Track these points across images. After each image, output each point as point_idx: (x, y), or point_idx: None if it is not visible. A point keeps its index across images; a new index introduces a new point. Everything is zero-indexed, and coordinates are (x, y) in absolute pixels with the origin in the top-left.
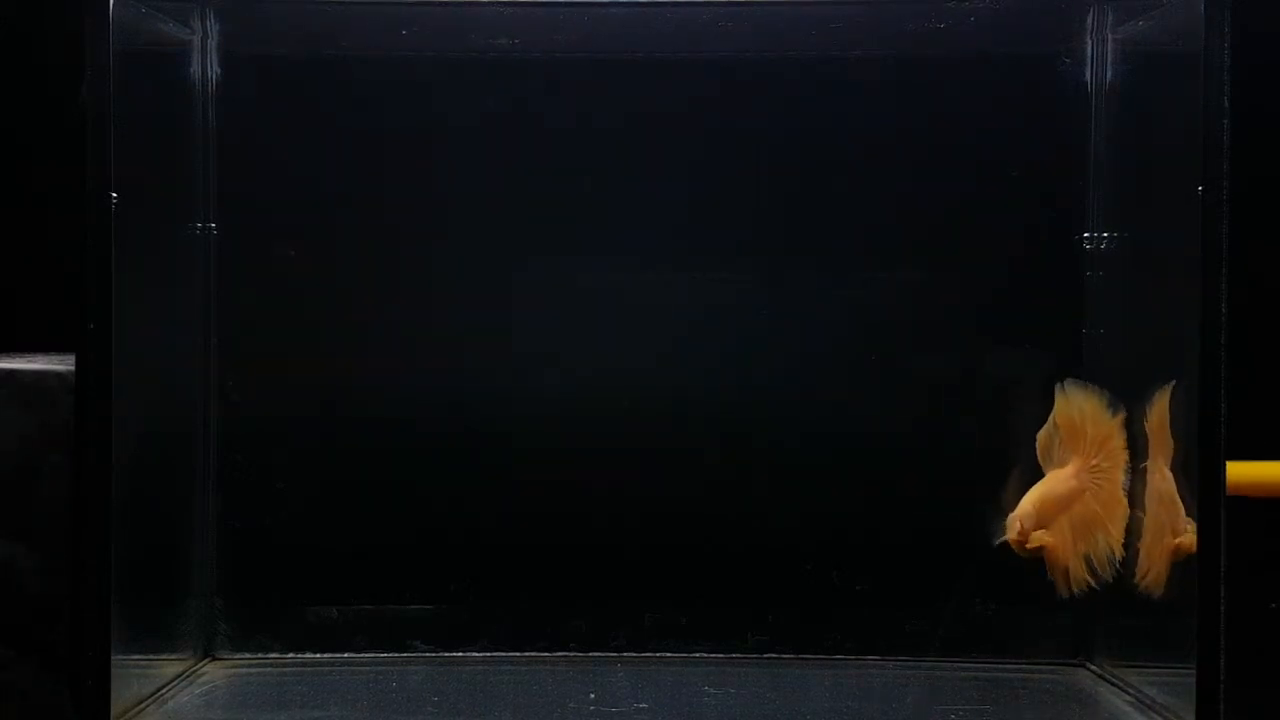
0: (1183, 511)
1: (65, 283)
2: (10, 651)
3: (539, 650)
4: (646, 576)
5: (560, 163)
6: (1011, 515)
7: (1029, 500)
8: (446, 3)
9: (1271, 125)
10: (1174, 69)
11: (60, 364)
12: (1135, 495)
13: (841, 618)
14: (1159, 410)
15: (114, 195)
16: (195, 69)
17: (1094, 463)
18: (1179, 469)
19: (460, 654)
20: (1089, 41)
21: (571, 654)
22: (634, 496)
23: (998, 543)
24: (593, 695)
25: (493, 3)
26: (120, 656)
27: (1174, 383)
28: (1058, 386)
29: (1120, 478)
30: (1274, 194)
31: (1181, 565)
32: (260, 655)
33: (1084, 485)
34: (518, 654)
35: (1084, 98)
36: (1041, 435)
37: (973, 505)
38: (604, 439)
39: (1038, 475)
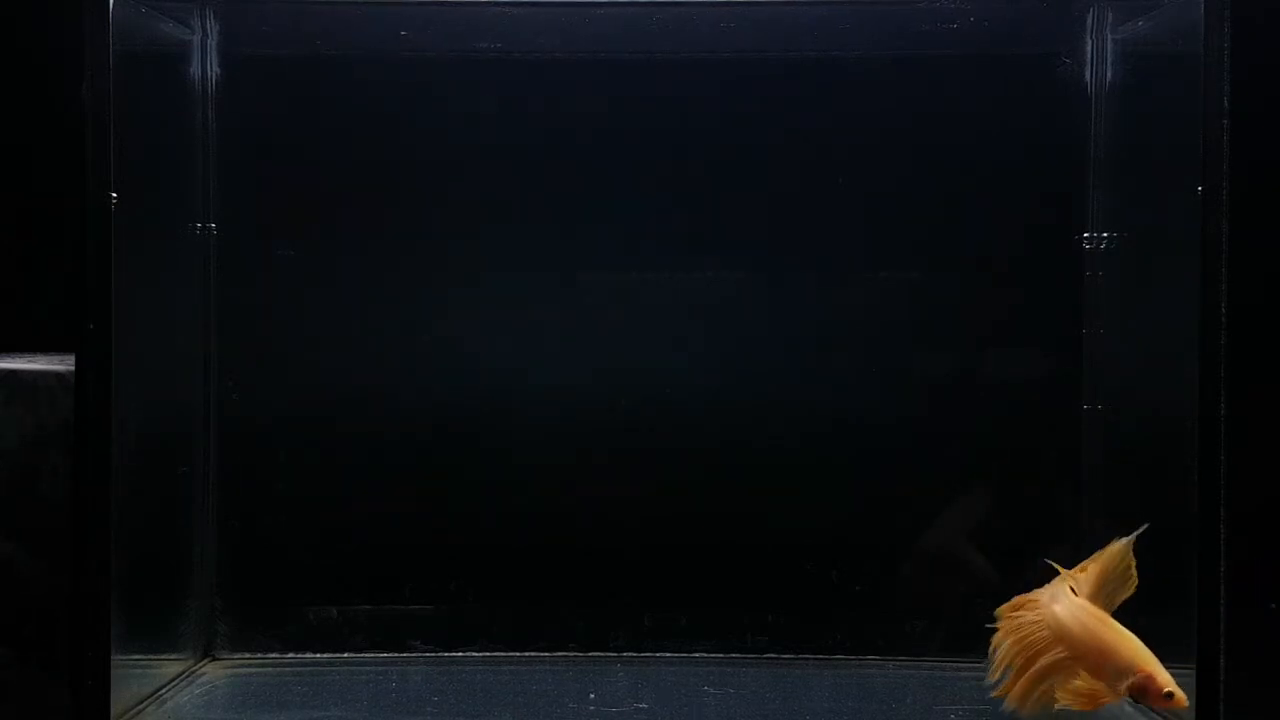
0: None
1: (65, 283)
2: (10, 651)
3: (539, 650)
4: (646, 576)
5: (560, 163)
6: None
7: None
8: (447, 3)
9: (1271, 125)
10: (1174, 69)
11: (60, 364)
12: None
13: (841, 618)
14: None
15: (114, 195)
16: (195, 69)
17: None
18: None
19: (460, 654)
20: (1089, 41)
21: (571, 654)
22: (634, 496)
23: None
24: (593, 695)
25: (493, 3)
26: (120, 656)
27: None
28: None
29: None
30: (1274, 194)
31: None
32: (260, 655)
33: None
34: (518, 654)
35: (1084, 98)
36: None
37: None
38: (603, 439)
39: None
